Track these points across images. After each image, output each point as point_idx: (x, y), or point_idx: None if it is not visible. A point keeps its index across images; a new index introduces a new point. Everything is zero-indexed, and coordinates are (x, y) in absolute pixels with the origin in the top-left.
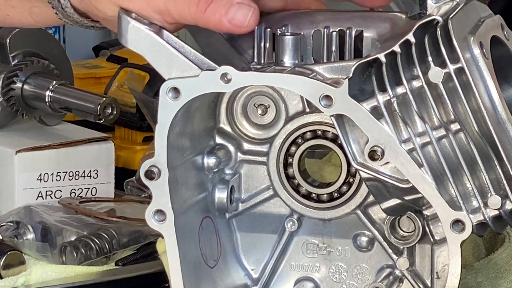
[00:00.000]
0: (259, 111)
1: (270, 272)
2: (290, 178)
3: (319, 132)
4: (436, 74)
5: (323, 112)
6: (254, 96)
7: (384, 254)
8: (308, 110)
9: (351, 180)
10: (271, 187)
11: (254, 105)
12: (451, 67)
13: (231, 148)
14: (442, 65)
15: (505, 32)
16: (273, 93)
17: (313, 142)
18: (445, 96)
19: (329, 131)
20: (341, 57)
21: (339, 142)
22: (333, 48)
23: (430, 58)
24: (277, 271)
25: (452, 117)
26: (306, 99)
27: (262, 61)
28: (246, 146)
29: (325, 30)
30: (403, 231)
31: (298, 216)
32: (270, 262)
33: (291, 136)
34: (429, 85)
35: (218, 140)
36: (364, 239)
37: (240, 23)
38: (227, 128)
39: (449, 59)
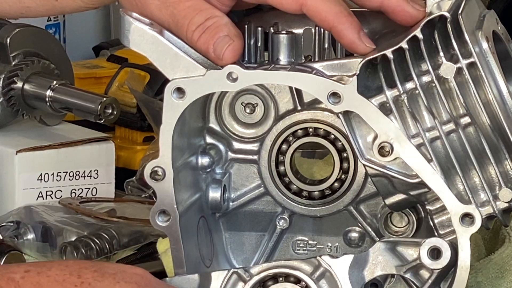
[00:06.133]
0: (247, 110)
1: None
2: (281, 176)
3: (311, 129)
4: (448, 69)
5: (314, 110)
6: (242, 95)
7: None
8: (299, 108)
9: (344, 177)
10: (262, 186)
11: (241, 104)
12: (463, 62)
13: (221, 147)
14: (452, 60)
15: (499, 27)
16: (262, 91)
17: (305, 139)
18: (457, 90)
19: (320, 129)
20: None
21: (331, 139)
22: (326, 46)
23: (442, 54)
24: None
25: (461, 111)
26: (297, 97)
27: (253, 60)
28: (236, 145)
29: (317, 28)
30: (395, 226)
31: (289, 213)
32: (259, 260)
33: (282, 134)
34: (438, 80)
35: (208, 139)
36: (355, 235)
37: (219, 55)
38: (217, 128)
39: (461, 54)
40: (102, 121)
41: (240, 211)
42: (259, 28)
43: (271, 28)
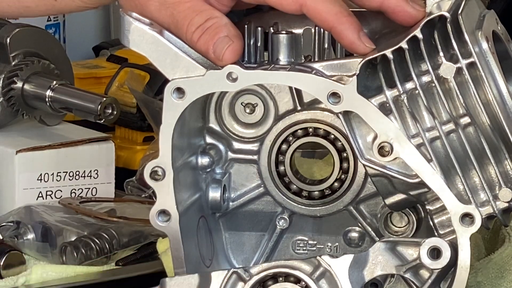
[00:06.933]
0: (247, 110)
1: None
2: (281, 176)
3: (311, 129)
4: (448, 69)
5: (314, 110)
6: (242, 95)
7: None
8: (299, 108)
9: (343, 177)
10: (262, 186)
11: (241, 104)
12: (463, 62)
13: (221, 147)
14: (452, 60)
15: (499, 27)
16: (261, 91)
17: (305, 139)
18: (457, 90)
19: (320, 129)
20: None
21: (331, 138)
22: (326, 46)
23: (441, 54)
24: None
25: (461, 111)
26: (296, 97)
27: (253, 60)
28: (236, 145)
29: (316, 28)
30: (395, 226)
31: (289, 213)
32: (259, 260)
33: (282, 134)
34: (438, 80)
35: (208, 139)
36: (354, 235)
37: (219, 56)
38: (216, 128)
39: (460, 54)
40: (102, 121)
41: (240, 211)
42: (259, 28)
43: (271, 28)
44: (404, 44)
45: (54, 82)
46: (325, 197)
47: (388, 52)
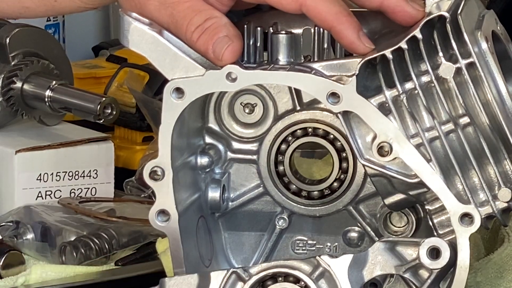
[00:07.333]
0: (246, 110)
1: None
2: (280, 175)
3: (310, 129)
4: (447, 69)
5: (314, 110)
6: (241, 95)
7: None
8: (298, 108)
9: (343, 176)
10: (261, 185)
11: (241, 104)
12: (462, 62)
13: (220, 147)
14: (451, 60)
15: (499, 27)
16: (261, 91)
17: (304, 139)
18: (456, 90)
19: (319, 129)
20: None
21: (330, 138)
22: (325, 46)
23: (441, 54)
24: None
25: (460, 111)
26: (296, 97)
27: (252, 60)
28: (236, 145)
29: (316, 28)
30: (394, 226)
31: (289, 213)
32: (259, 260)
33: (282, 134)
34: (438, 80)
35: (208, 139)
36: (354, 235)
37: (218, 56)
38: (216, 128)
39: (460, 54)
40: (102, 121)
41: (239, 211)
42: (259, 28)
43: (271, 28)
44: (403, 44)
45: (54, 82)
46: (324, 197)
47: (388, 52)
